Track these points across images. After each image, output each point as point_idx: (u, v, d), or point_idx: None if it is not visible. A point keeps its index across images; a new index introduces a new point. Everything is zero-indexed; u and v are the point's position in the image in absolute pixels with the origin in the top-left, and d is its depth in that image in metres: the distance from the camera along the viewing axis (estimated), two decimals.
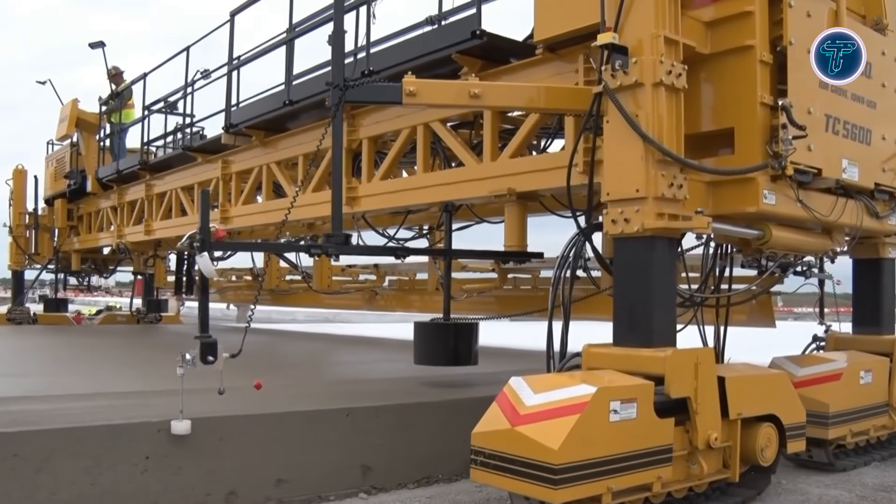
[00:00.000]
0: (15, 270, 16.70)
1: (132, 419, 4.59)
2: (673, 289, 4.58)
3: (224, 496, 4.70)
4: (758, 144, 4.70)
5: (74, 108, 14.57)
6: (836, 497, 5.19)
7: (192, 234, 4.76)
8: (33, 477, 4.20)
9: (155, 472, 4.51)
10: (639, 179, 4.37)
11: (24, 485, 4.18)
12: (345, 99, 5.20)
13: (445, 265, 6.57)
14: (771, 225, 4.92)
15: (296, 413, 5.11)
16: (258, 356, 11.37)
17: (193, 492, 4.60)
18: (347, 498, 5.02)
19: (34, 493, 4.20)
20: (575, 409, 3.79)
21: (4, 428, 4.32)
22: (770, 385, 4.90)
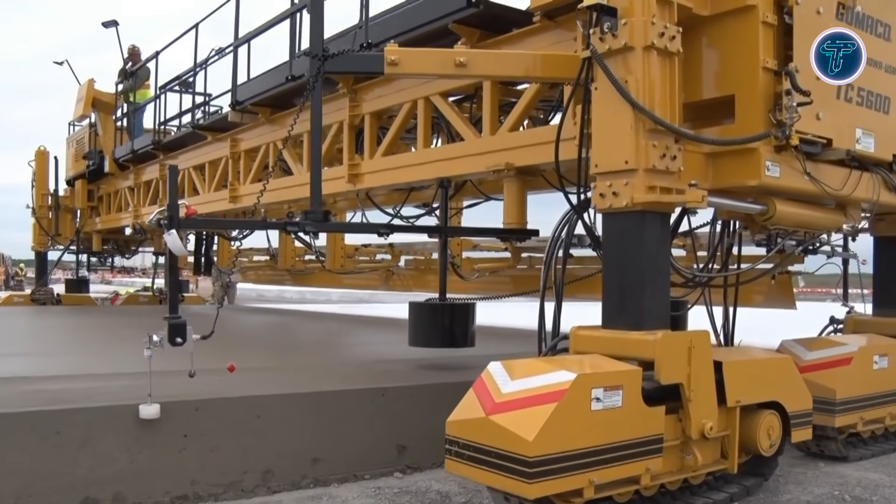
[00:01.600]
0: (38, 251, 16.79)
1: (169, 398, 4.59)
2: (666, 268, 4.29)
3: (261, 474, 4.73)
4: (760, 112, 4.37)
5: (90, 88, 14.52)
6: (876, 480, 4.98)
7: (161, 210, 4.58)
8: (74, 454, 4.25)
9: (192, 450, 4.55)
10: (628, 150, 4.08)
11: (66, 462, 4.23)
12: (324, 70, 4.96)
13: (441, 243, 6.34)
14: (775, 199, 4.59)
15: (332, 392, 5.15)
16: (292, 337, 11.40)
17: (230, 470, 4.64)
18: (382, 477, 5.01)
19: (75, 470, 4.25)
20: (552, 398, 3.53)
21: (46, 406, 4.38)
22: (772, 370, 4.59)
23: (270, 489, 4.73)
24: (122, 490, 4.36)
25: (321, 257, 12.65)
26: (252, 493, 4.67)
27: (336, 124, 8.42)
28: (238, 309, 18.75)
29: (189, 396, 4.66)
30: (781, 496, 4.74)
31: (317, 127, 5.04)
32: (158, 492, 4.44)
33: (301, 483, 4.82)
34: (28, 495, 4.15)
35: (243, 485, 4.66)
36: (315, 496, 4.66)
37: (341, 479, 4.91)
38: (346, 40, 7.01)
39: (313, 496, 4.66)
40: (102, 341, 9.68)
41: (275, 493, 4.71)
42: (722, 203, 4.54)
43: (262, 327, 13.34)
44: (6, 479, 4.11)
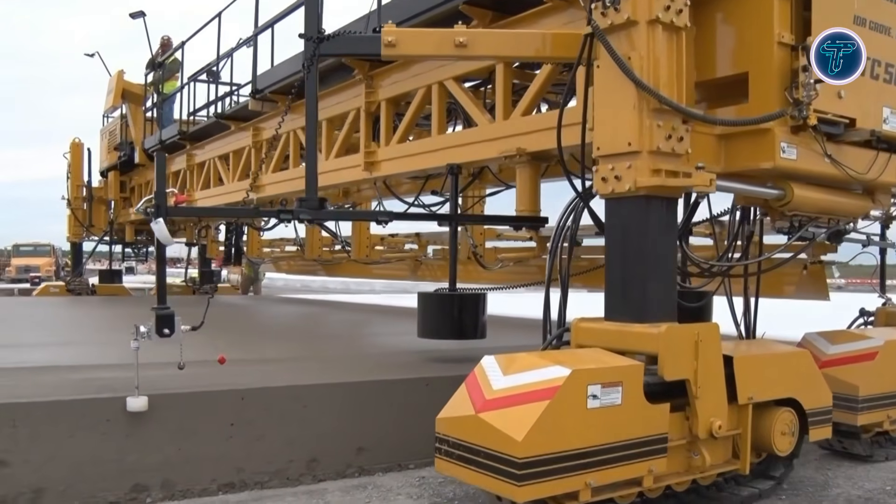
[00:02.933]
0: (74, 242, 16.99)
1: (216, 387, 4.67)
2: (672, 256, 4.05)
3: (306, 463, 4.75)
4: (775, 90, 4.11)
5: (120, 79, 14.59)
6: None
7: (148, 198, 4.47)
8: (123, 442, 4.32)
9: (238, 438, 4.59)
10: (631, 131, 3.85)
11: (115, 449, 4.29)
12: (320, 52, 4.80)
13: (451, 231, 6.15)
14: (793, 183, 4.31)
15: (376, 382, 5.15)
16: (330, 327, 11.37)
17: (276, 458, 4.68)
18: (426, 466, 4.88)
19: (124, 457, 4.32)
20: (545, 395, 3.34)
21: (96, 394, 4.43)
22: (788, 365, 4.32)
23: (315, 477, 4.75)
24: (171, 477, 4.42)
25: (347, 247, 12.58)
26: (297, 481, 4.70)
27: (353, 111, 8.28)
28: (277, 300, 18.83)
29: (235, 386, 4.72)
30: (831, 490, 4.58)
31: (312, 112, 4.89)
32: (205, 479, 4.50)
33: (346, 472, 4.86)
34: (78, 482, 4.21)
35: (289, 473, 4.70)
36: (360, 485, 4.66)
37: (385, 469, 4.92)
38: (360, 25, 6.85)
39: (358, 485, 4.67)
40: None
41: (320, 482, 4.72)
42: (733, 187, 4.27)
43: (297, 317, 13.35)
44: (57, 465, 4.18)
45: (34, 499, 4.12)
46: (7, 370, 5.07)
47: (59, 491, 4.17)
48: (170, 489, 4.42)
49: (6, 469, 4.08)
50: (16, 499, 4.09)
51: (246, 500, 4.45)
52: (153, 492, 4.39)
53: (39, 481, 4.13)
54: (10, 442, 4.10)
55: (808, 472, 4.99)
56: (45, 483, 4.14)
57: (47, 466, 4.15)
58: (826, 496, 4.46)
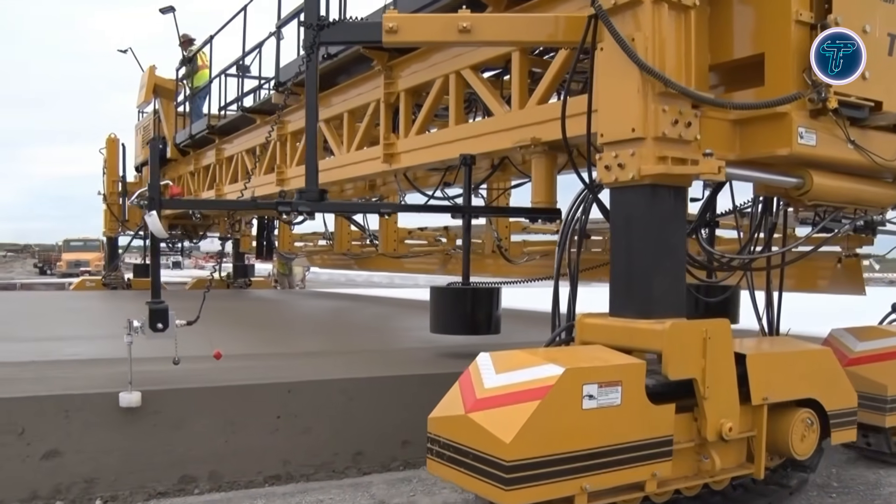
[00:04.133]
0: (109, 237, 17.19)
1: (263, 380, 4.76)
2: (680, 249, 3.83)
3: (351, 456, 4.82)
4: (792, 72, 3.85)
5: (152, 75, 14.68)
6: None
7: (142, 191, 4.39)
8: (171, 434, 4.42)
9: (284, 431, 4.66)
10: (635, 117, 3.65)
11: (163, 441, 4.40)
12: (320, 40, 4.66)
13: (464, 224, 5.97)
14: (813, 171, 4.05)
15: (421, 376, 5.19)
16: (374, 321, 11.36)
17: (322, 451, 4.75)
18: None
19: (172, 449, 4.41)
20: (536, 395, 3.16)
21: (147, 386, 4.48)
22: (807, 364, 4.07)
23: (361, 470, 4.80)
24: (218, 469, 4.51)
25: (375, 241, 12.49)
26: (343, 474, 4.75)
27: (373, 103, 8.16)
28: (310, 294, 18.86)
29: (281, 379, 4.78)
30: (883, 489, 4.46)
31: (312, 102, 4.77)
32: (252, 471, 4.59)
33: (391, 465, 4.90)
34: (128, 472, 4.32)
35: (334, 465, 4.75)
36: (405, 478, 4.67)
37: None
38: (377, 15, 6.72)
39: (403, 478, 4.67)
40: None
41: (365, 475, 4.76)
42: (748, 175, 4.04)
43: (334, 312, 13.35)
44: (107, 456, 4.27)
45: (86, 488, 4.23)
46: (59, 362, 5.18)
47: (110, 481, 4.28)
48: (217, 481, 4.50)
49: (59, 459, 4.19)
50: (69, 488, 4.20)
51: (292, 493, 4.47)
52: (201, 483, 4.47)
53: (91, 471, 4.24)
54: (63, 433, 4.21)
55: (859, 470, 4.82)
56: (97, 473, 4.25)
57: (98, 457, 4.26)
58: (878, 495, 4.30)
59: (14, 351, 4.01)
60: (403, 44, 5.10)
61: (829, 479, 4.93)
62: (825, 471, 5.14)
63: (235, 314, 11.54)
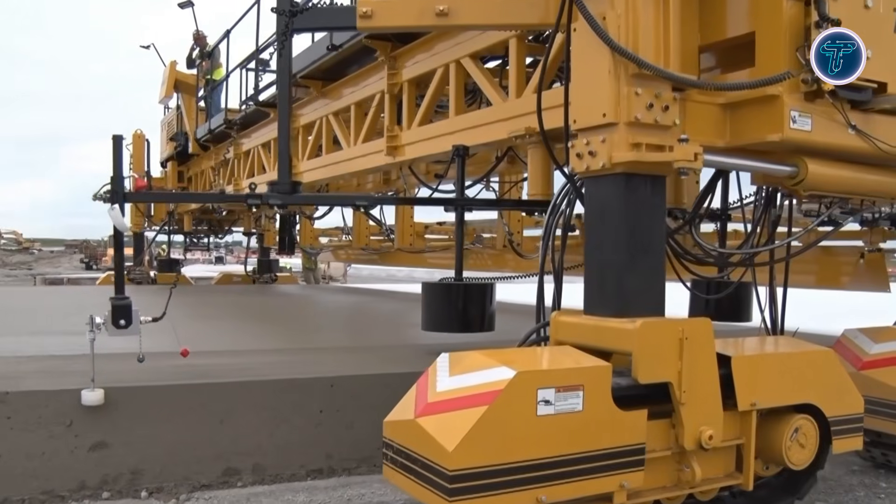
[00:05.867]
0: (135, 232, 17.26)
1: (306, 374, 4.79)
2: (659, 242, 3.55)
3: None
4: (784, 51, 3.56)
5: (172, 70, 14.67)
6: None
7: (106, 184, 4.24)
8: (217, 427, 4.47)
9: (328, 425, 4.68)
10: (607, 101, 3.39)
11: (209, 434, 4.45)
12: (293, 27, 4.47)
13: (457, 217, 5.74)
14: (808, 159, 3.73)
15: None
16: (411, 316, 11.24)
17: (364, 445, 4.75)
18: None
19: (218, 442, 4.47)
20: (483, 400, 2.93)
21: (193, 380, 4.58)
22: (805, 366, 3.76)
23: None
24: (262, 462, 4.55)
25: (391, 235, 12.32)
26: None
27: (378, 94, 7.97)
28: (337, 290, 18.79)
29: (324, 373, 4.80)
30: None
31: (284, 92, 4.60)
32: (295, 465, 4.62)
33: None
34: (173, 464, 4.37)
35: (376, 460, 4.65)
36: None
37: None
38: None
39: None
40: (219, 318, 9.81)
41: None
42: (733, 164, 3.75)
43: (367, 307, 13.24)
44: (153, 448, 4.34)
45: (132, 479, 4.30)
46: (105, 356, 5.16)
47: (156, 472, 4.34)
48: (260, 474, 4.54)
49: (107, 450, 4.26)
50: (116, 479, 4.27)
51: (334, 486, 4.50)
52: (244, 476, 4.51)
53: (138, 462, 4.31)
54: (110, 425, 4.27)
55: None
56: (143, 464, 4.32)
57: (145, 449, 4.32)
58: None
59: (60, 344, 4.09)
60: (379, 29, 4.90)
61: (878, 479, 4.74)
62: (873, 471, 4.90)
63: (266, 309, 11.58)
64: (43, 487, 4.14)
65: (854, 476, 4.86)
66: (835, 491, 4.60)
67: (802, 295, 7.95)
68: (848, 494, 4.55)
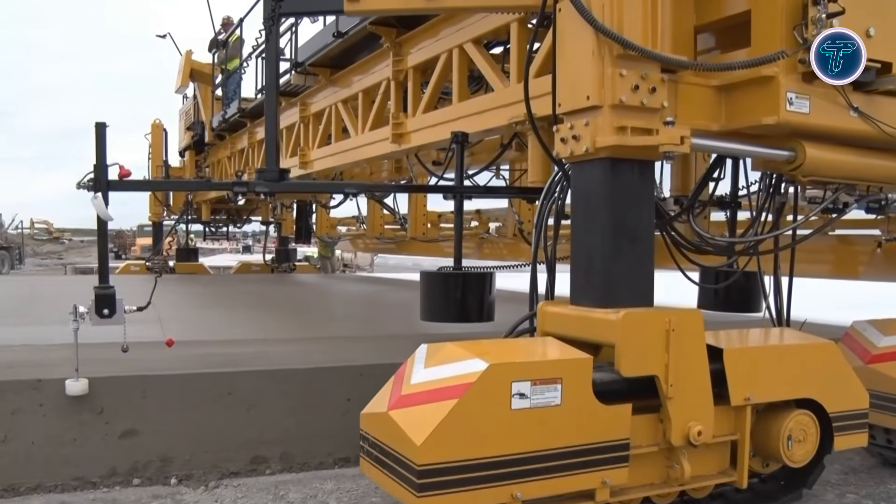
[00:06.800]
0: (154, 222, 17.34)
1: (335, 363, 4.77)
2: (647, 230, 3.41)
3: None
4: (781, 29, 3.40)
5: (188, 59, 14.66)
6: None
7: (89, 172, 4.17)
8: (245, 415, 4.47)
9: (356, 413, 4.65)
10: (591, 83, 3.25)
11: (236, 422, 4.45)
12: (280, 11, 4.37)
13: (455, 204, 5.62)
14: (806, 142, 3.56)
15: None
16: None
17: None
18: None
19: (245, 429, 4.46)
20: (454, 393, 2.82)
21: (221, 368, 4.59)
22: (804, 359, 3.61)
23: None
24: (289, 450, 4.54)
25: (405, 224, 12.24)
26: None
27: (384, 81, 7.86)
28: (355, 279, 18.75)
29: (352, 362, 4.77)
30: None
31: (272, 78, 4.52)
32: (322, 453, 4.60)
33: None
34: (202, 452, 4.37)
35: None
36: None
37: None
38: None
39: None
40: (243, 308, 9.82)
41: None
42: (727, 148, 3.60)
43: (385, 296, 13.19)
44: (182, 435, 4.35)
45: (162, 467, 4.31)
46: (134, 344, 5.20)
47: (185, 460, 4.35)
48: (288, 462, 4.52)
49: (136, 438, 4.27)
50: (146, 466, 4.29)
51: (361, 475, 4.37)
52: (272, 463, 4.50)
53: (167, 450, 4.32)
54: (139, 412, 4.29)
55: None
56: (172, 452, 4.32)
57: (174, 436, 4.33)
58: None
59: (90, 332, 4.13)
60: (367, 13, 4.82)
61: None
62: None
63: (286, 299, 11.57)
64: (74, 474, 4.17)
65: (885, 468, 4.69)
66: (866, 483, 4.46)
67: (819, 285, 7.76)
68: (879, 487, 4.40)
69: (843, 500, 4.19)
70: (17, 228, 37.54)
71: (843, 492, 4.32)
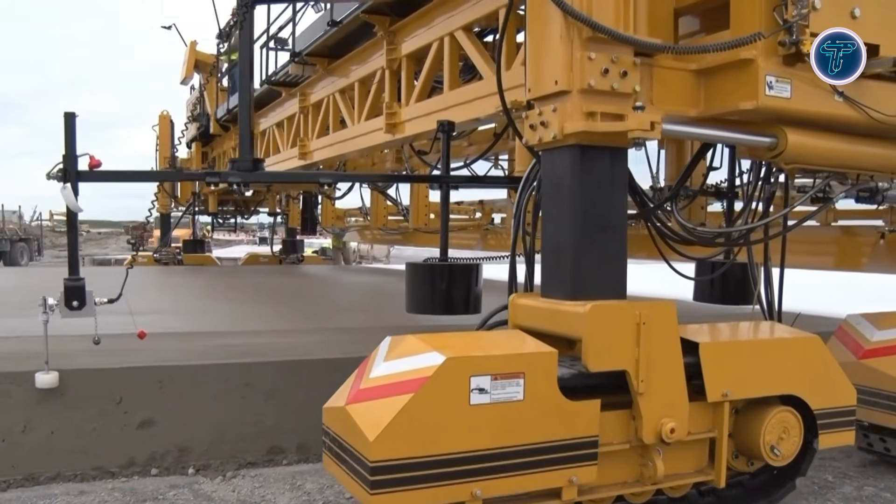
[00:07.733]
0: (162, 213, 17.36)
1: (353, 353, 4.64)
2: (618, 220, 3.29)
3: None
4: (760, 10, 3.27)
5: (193, 50, 14.63)
6: None
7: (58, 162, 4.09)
8: (262, 405, 4.50)
9: None
10: (559, 67, 3.13)
11: (254, 412, 4.48)
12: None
13: (442, 194, 5.51)
14: (788, 129, 3.43)
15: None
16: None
17: None
18: None
19: (262, 419, 4.49)
20: (409, 387, 2.73)
21: (238, 359, 4.62)
22: (786, 354, 3.47)
23: None
24: (307, 441, 4.53)
25: (408, 215, 12.15)
26: None
27: (378, 71, 7.77)
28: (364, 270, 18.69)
29: (366, 353, 4.69)
30: None
31: (246, 67, 4.43)
32: None
33: None
34: (219, 442, 4.40)
35: None
36: None
37: None
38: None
39: None
40: (253, 300, 9.83)
41: None
42: (704, 135, 3.47)
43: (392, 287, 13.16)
44: (200, 426, 4.37)
45: (179, 457, 4.33)
46: (157, 335, 5.30)
47: (202, 450, 4.37)
48: (305, 453, 4.53)
49: (154, 428, 4.31)
50: (163, 456, 4.32)
51: None
52: (289, 454, 4.52)
53: (184, 441, 4.35)
54: (157, 403, 4.32)
55: None
56: (190, 443, 4.35)
57: (191, 427, 4.35)
58: None
59: (108, 322, 4.15)
60: None
61: None
62: None
63: (294, 290, 11.50)
64: (93, 464, 4.19)
65: None
66: (884, 476, 4.36)
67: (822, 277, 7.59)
68: None
69: (862, 493, 4.10)
70: (37, 221, 37.82)
71: (862, 484, 4.23)
